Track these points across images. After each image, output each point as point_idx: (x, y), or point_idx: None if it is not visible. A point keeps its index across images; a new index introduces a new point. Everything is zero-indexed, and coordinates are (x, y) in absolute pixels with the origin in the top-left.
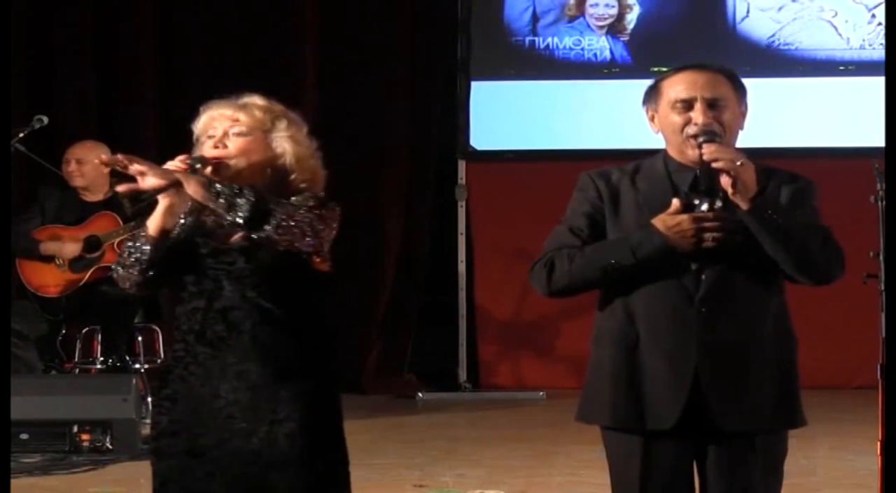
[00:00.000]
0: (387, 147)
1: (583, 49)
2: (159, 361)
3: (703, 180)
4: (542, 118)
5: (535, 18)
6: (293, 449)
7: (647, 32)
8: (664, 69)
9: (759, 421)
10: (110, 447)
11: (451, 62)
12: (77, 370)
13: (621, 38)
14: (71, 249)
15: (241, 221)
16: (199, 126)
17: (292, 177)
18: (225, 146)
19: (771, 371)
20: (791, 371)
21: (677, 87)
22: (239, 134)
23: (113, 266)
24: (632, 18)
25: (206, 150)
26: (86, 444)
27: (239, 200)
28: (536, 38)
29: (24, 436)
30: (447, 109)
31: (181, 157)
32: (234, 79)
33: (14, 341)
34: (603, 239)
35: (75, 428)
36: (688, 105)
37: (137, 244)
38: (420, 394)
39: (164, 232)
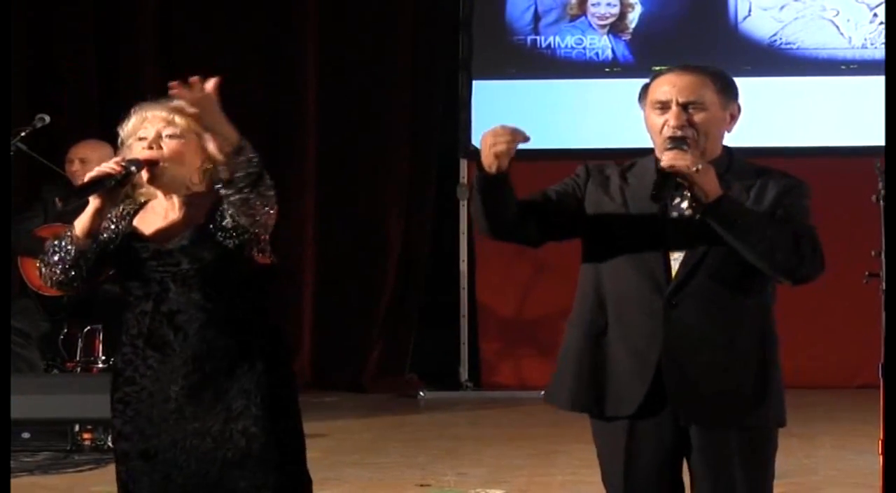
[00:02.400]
0: (388, 146)
1: (584, 48)
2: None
3: (657, 186)
4: (543, 117)
5: (536, 17)
6: (250, 446)
7: (649, 31)
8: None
9: (723, 417)
10: (111, 446)
11: (452, 61)
12: (79, 369)
13: (623, 38)
14: None
15: (249, 177)
16: (127, 127)
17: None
18: (159, 147)
19: (743, 369)
20: (768, 371)
21: (659, 88)
22: (172, 136)
23: (38, 264)
24: (633, 17)
25: (138, 151)
26: (87, 443)
27: (254, 158)
28: (538, 38)
29: (25, 435)
30: (448, 108)
31: (116, 159)
32: (234, 79)
33: (16, 339)
34: (565, 215)
35: (77, 427)
36: (665, 107)
37: (62, 243)
38: (421, 393)
39: (90, 233)
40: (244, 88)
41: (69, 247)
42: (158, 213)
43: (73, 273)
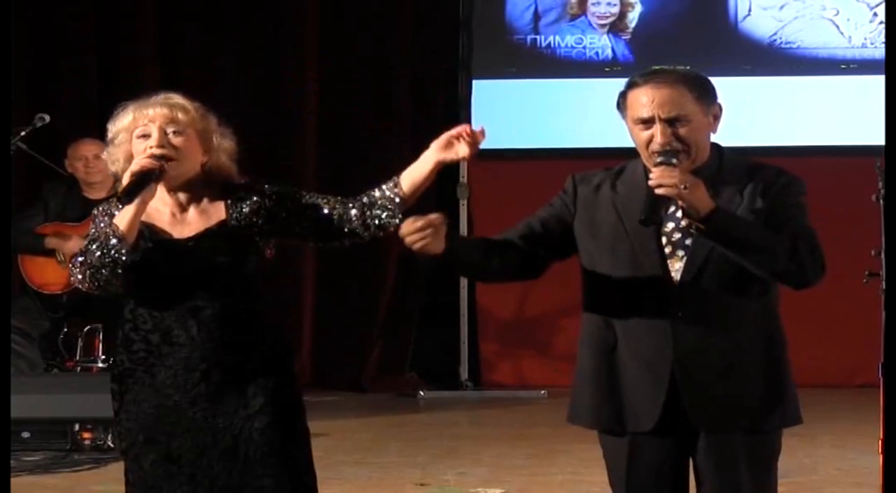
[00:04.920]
0: (388, 145)
1: (584, 48)
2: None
3: (646, 208)
4: (543, 117)
5: (536, 17)
6: (271, 444)
7: (649, 31)
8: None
9: (739, 422)
10: (111, 445)
11: (452, 61)
12: (79, 369)
13: (623, 37)
14: (74, 244)
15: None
16: (122, 123)
17: (223, 169)
18: (172, 145)
19: (754, 373)
20: (779, 372)
21: (638, 102)
22: (177, 133)
23: (72, 268)
24: (633, 17)
25: (140, 149)
26: (87, 442)
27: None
28: (538, 37)
29: (25, 434)
30: (449, 107)
31: (145, 154)
32: (234, 79)
33: (17, 339)
34: (555, 241)
35: (77, 426)
36: (648, 123)
37: (109, 244)
38: (421, 393)
39: (136, 229)
40: (244, 88)
41: (119, 246)
42: (163, 210)
43: (119, 271)
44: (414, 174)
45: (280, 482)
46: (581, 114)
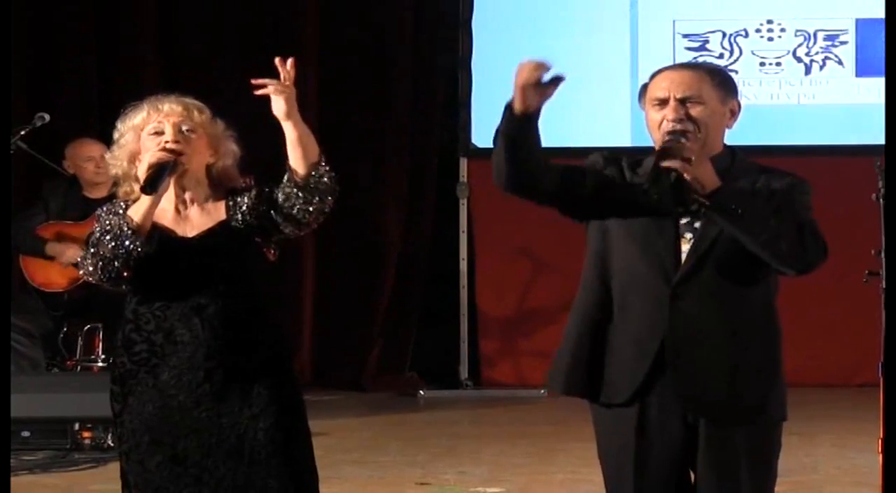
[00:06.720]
0: (388, 144)
1: (584, 47)
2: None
3: (650, 180)
4: (543, 117)
5: (536, 16)
6: (275, 445)
7: (649, 31)
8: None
9: (724, 410)
10: (111, 444)
11: (452, 60)
12: (79, 368)
13: (623, 37)
14: (73, 253)
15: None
16: (134, 121)
17: (228, 174)
18: (185, 141)
19: (746, 362)
20: (772, 364)
21: (657, 85)
22: (190, 131)
23: (83, 260)
24: (633, 16)
25: (151, 146)
26: (87, 441)
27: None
28: (538, 36)
29: (25, 434)
30: (449, 106)
31: (159, 148)
32: (234, 79)
33: (20, 338)
34: (585, 189)
35: (77, 426)
36: (663, 103)
37: (123, 236)
38: (421, 392)
39: (150, 221)
40: (244, 88)
41: (133, 237)
42: (167, 208)
43: (131, 264)
44: (291, 149)
45: (283, 482)
46: (581, 114)
